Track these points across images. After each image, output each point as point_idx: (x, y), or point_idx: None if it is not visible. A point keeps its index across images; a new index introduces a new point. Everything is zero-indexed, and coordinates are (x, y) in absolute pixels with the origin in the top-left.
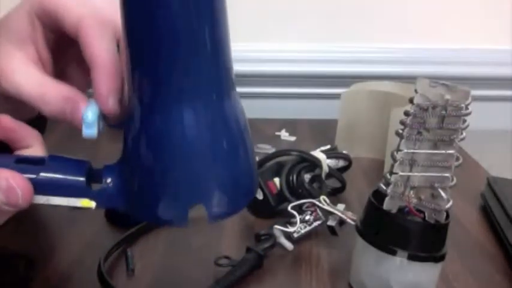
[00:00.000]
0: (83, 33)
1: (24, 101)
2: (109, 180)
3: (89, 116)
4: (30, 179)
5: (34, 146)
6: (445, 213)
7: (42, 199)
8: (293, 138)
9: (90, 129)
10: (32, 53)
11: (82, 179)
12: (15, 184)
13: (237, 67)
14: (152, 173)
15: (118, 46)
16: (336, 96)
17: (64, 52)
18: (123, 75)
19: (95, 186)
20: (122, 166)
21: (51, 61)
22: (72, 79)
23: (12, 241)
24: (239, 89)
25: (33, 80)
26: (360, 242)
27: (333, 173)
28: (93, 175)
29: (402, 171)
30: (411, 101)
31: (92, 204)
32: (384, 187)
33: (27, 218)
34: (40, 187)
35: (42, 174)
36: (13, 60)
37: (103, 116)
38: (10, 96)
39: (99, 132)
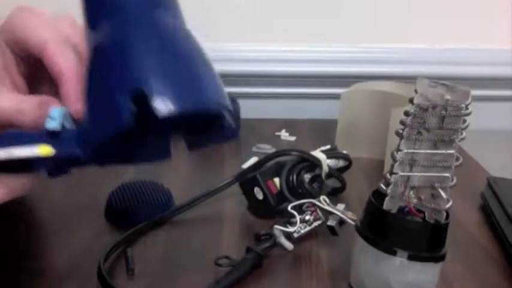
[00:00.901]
0: (48, 52)
1: (4, 122)
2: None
3: (55, 112)
4: None
5: None
6: (445, 213)
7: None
8: (293, 138)
9: (53, 123)
10: (8, 83)
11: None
12: None
13: (237, 67)
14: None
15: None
16: (336, 96)
17: (36, 78)
18: None
19: None
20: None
21: (26, 88)
22: None
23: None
24: (239, 89)
25: (10, 99)
26: (360, 242)
27: (333, 173)
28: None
29: (402, 171)
30: (411, 101)
31: (51, 150)
32: (384, 187)
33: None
34: None
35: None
36: None
37: (72, 119)
38: None
39: (65, 130)
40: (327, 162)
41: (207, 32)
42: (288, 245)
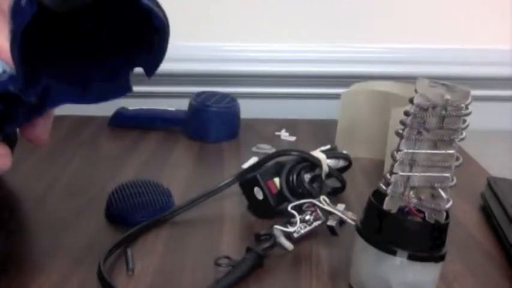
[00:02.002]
0: None
1: None
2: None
3: None
4: None
5: None
6: (445, 213)
7: None
8: (293, 138)
9: None
10: None
11: None
12: None
13: (237, 67)
14: None
15: None
16: (336, 96)
17: None
18: None
19: None
20: None
21: None
22: None
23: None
24: (239, 89)
25: None
26: (360, 242)
27: (333, 173)
28: None
29: (402, 171)
30: (411, 101)
31: None
32: (384, 187)
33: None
34: None
35: None
36: None
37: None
38: None
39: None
40: (327, 162)
41: (207, 32)
42: (288, 245)
